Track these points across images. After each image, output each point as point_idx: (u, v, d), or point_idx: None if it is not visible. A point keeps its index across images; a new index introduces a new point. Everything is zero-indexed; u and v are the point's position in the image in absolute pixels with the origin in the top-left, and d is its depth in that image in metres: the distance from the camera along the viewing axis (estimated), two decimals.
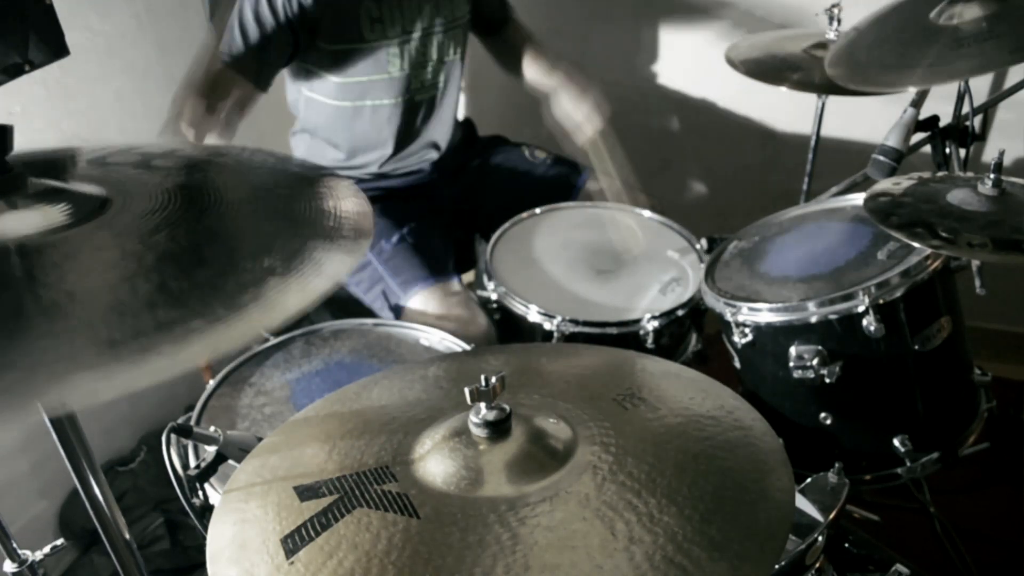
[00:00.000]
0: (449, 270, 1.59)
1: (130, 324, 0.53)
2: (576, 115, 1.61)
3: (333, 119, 1.64)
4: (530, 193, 1.73)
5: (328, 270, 0.62)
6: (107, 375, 0.50)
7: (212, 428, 0.93)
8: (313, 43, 1.52)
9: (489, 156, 1.81)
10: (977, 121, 1.43)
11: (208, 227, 0.67)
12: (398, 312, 1.56)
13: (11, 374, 0.49)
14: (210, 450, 0.93)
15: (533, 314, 1.42)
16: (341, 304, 1.73)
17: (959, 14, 1.31)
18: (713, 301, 1.36)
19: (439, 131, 1.72)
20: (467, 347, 1.34)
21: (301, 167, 0.81)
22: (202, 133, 1.39)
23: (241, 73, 1.46)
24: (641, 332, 1.39)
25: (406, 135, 1.67)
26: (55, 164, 0.75)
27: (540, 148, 1.85)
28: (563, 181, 1.80)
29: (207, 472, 0.93)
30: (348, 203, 0.74)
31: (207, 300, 0.56)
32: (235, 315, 0.55)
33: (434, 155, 1.73)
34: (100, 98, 1.69)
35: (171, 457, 0.94)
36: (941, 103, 1.41)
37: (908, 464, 1.28)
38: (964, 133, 1.40)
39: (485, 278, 1.53)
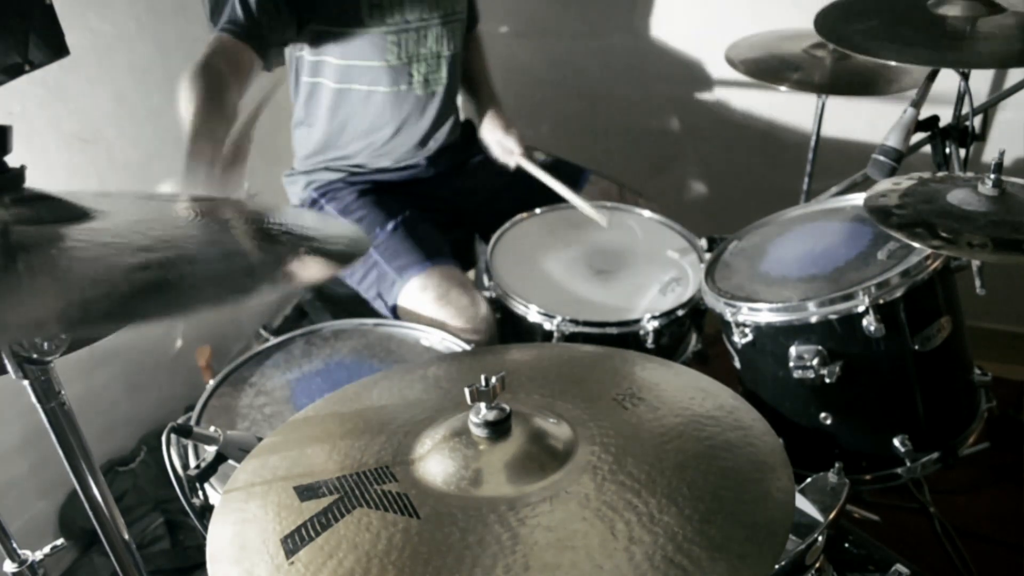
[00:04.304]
0: (446, 255, 1.58)
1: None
2: (506, 143, 1.76)
3: (329, 104, 1.64)
4: (530, 194, 1.73)
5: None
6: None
7: (212, 428, 0.93)
8: (310, 24, 1.52)
9: (489, 156, 1.81)
10: (977, 121, 1.43)
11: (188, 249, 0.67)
12: (393, 311, 1.55)
13: None
14: (210, 450, 0.93)
15: (533, 314, 1.42)
16: (341, 304, 1.73)
17: (952, 9, 1.32)
18: (713, 301, 1.36)
19: (436, 125, 1.71)
20: (467, 347, 1.34)
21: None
22: (214, 130, 1.36)
23: (245, 41, 1.42)
24: (641, 332, 1.39)
25: (402, 125, 1.66)
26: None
27: (539, 150, 1.85)
28: (564, 183, 1.80)
29: (207, 472, 0.93)
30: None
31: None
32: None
33: (430, 150, 1.73)
34: (100, 98, 1.69)
35: (171, 457, 0.94)
36: (941, 103, 1.41)
37: (908, 464, 1.28)
38: (964, 133, 1.40)
39: (485, 278, 1.53)
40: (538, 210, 1.70)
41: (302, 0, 1.48)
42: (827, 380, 1.24)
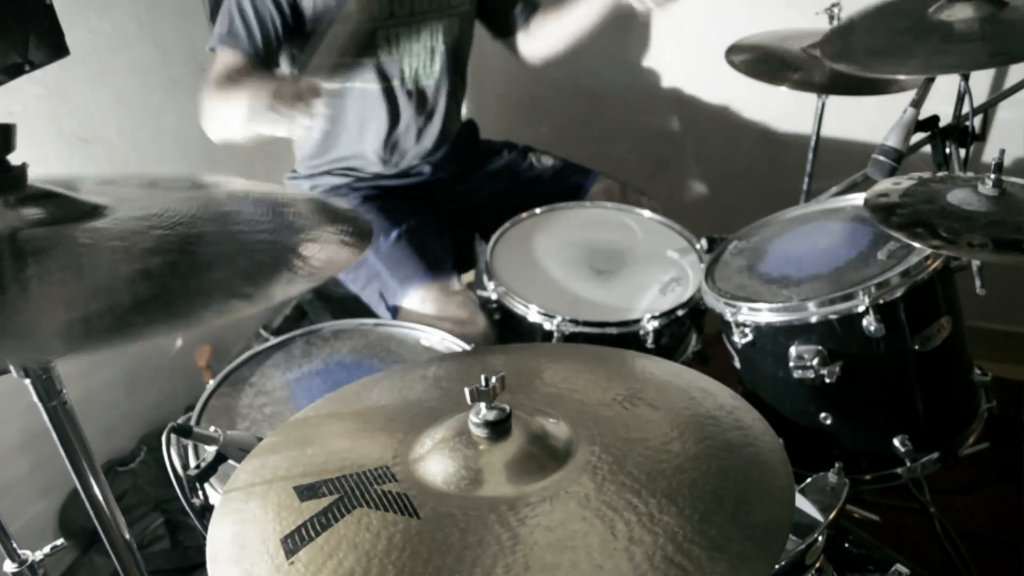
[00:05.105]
0: (448, 269, 1.59)
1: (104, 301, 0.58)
2: None
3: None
4: (531, 195, 1.73)
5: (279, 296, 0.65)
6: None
7: (212, 428, 0.93)
8: (302, 24, 1.52)
9: (494, 160, 1.81)
10: (977, 121, 1.43)
11: (192, 249, 0.67)
12: (395, 312, 1.55)
13: None
14: (210, 450, 0.93)
15: (533, 314, 1.42)
16: (341, 304, 1.73)
17: (955, 12, 1.32)
18: (713, 301, 1.36)
19: (435, 125, 1.70)
20: (467, 347, 1.34)
21: (297, 215, 0.81)
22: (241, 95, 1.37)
23: (255, 58, 1.46)
24: (641, 332, 1.39)
25: (396, 122, 1.65)
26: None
27: (547, 154, 1.84)
28: (570, 187, 1.79)
29: (207, 472, 0.93)
30: (324, 253, 0.74)
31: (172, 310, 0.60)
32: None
33: (427, 150, 1.72)
34: (100, 98, 1.69)
35: (171, 457, 0.94)
36: (941, 103, 1.41)
37: (908, 464, 1.28)
38: (964, 133, 1.40)
39: (485, 278, 1.53)
40: (538, 210, 1.70)
41: (295, 14, 1.50)
42: (827, 380, 1.24)
